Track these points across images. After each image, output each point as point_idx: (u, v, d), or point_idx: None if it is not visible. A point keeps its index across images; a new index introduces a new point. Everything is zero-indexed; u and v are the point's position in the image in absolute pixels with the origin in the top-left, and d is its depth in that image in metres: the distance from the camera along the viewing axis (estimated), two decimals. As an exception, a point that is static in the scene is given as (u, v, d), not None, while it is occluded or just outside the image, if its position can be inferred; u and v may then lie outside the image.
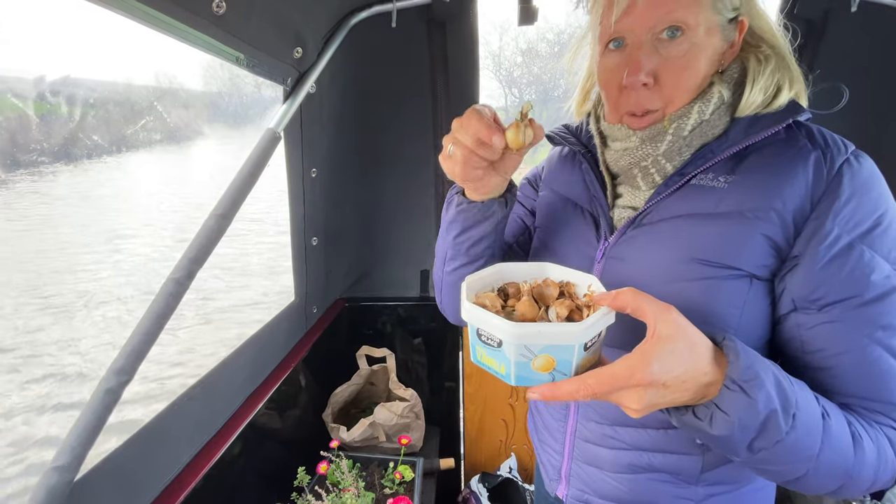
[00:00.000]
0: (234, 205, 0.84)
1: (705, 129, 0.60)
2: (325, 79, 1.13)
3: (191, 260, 0.76)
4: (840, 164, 0.53)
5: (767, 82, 0.58)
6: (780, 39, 0.60)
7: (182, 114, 13.94)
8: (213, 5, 0.70)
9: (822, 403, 0.49)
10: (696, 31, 0.54)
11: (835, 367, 0.52)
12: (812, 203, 0.53)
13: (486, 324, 0.47)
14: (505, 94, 20.49)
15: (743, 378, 0.44)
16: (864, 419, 0.51)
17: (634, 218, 0.62)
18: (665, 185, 0.60)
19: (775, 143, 0.57)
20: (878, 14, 1.23)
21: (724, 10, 0.56)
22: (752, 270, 0.55)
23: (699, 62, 0.56)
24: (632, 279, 0.61)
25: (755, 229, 0.54)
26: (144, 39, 12.30)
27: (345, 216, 1.50)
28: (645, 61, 0.56)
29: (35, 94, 9.64)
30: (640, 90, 0.57)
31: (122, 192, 11.10)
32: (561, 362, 0.46)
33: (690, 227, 0.58)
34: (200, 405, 0.94)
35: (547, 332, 0.45)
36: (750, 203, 0.55)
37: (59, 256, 6.70)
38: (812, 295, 0.53)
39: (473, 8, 1.31)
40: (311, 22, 1.04)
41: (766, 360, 0.48)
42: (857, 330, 0.51)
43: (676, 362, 0.44)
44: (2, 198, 9.39)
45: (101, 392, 0.64)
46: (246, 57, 0.87)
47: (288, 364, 1.26)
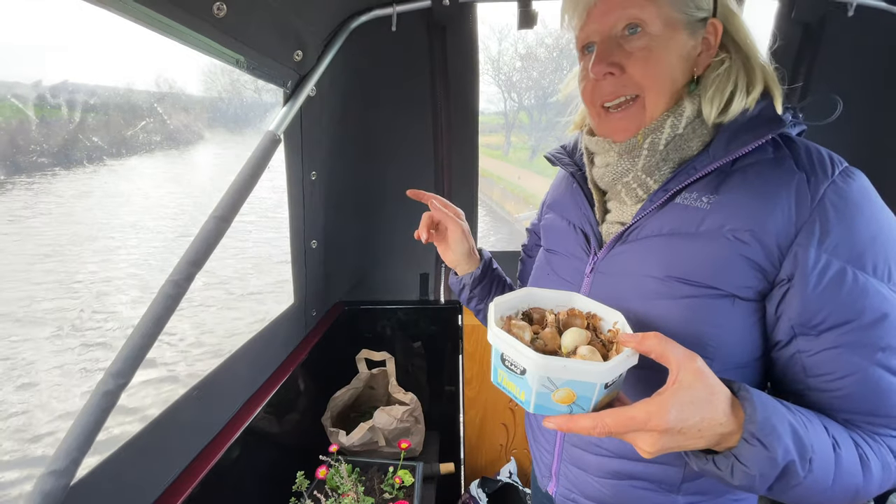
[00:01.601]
0: (233, 207, 0.84)
1: (680, 143, 0.60)
2: (325, 82, 1.14)
3: (189, 262, 0.76)
4: (825, 189, 0.53)
5: (721, 86, 0.59)
6: (751, 42, 0.61)
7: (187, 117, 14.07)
8: (214, 8, 0.70)
9: (831, 434, 0.50)
10: (655, 25, 0.57)
11: (838, 388, 0.53)
12: (796, 228, 0.53)
13: (513, 350, 0.49)
14: (504, 98, 20.59)
15: (761, 432, 0.45)
16: (867, 434, 0.53)
17: (621, 233, 0.64)
18: (650, 201, 0.61)
19: (762, 161, 0.57)
20: (874, 19, 1.24)
21: (687, 9, 0.58)
22: (734, 291, 0.55)
23: (662, 54, 0.58)
24: (618, 294, 0.62)
25: (735, 251, 0.55)
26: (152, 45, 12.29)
27: (344, 219, 1.50)
28: (606, 54, 0.59)
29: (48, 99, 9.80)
30: (606, 79, 0.60)
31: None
32: (581, 398, 0.48)
33: (672, 246, 0.58)
34: (198, 409, 0.93)
35: (572, 368, 0.46)
36: (730, 224, 0.55)
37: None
38: (811, 321, 0.53)
39: (473, 12, 1.31)
40: (312, 25, 1.04)
41: (779, 406, 0.49)
42: (858, 353, 0.51)
43: (694, 411, 0.45)
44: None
45: (98, 395, 0.63)
46: (246, 59, 0.87)
47: (287, 368, 1.26)
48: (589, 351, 0.50)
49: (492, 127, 20.38)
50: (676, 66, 0.59)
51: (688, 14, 0.58)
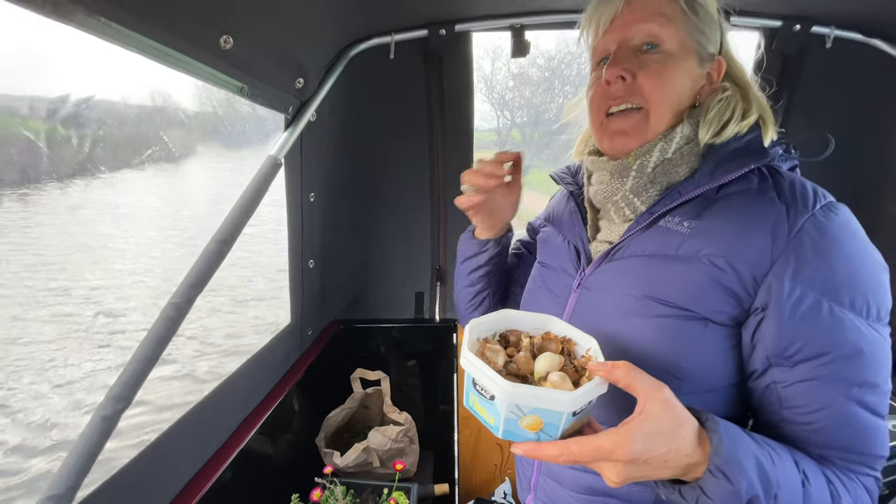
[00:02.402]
0: (234, 230, 0.85)
1: (668, 167, 0.63)
2: (325, 107, 1.17)
3: (191, 285, 0.77)
4: (803, 223, 0.54)
5: (722, 111, 0.62)
6: (749, 81, 0.66)
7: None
8: (221, 41, 0.73)
9: (802, 469, 0.51)
10: (671, 44, 0.61)
11: (813, 422, 0.53)
12: (772, 258, 0.54)
13: (483, 376, 0.49)
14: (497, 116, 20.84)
15: (726, 465, 0.46)
16: (842, 471, 0.53)
17: (608, 252, 0.66)
18: (637, 222, 0.64)
19: (745, 191, 0.59)
20: (852, 50, 1.31)
21: (701, 40, 0.63)
22: (707, 314, 0.56)
23: (675, 72, 0.62)
24: (599, 310, 0.64)
25: (710, 276, 0.56)
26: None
27: (341, 239, 1.52)
28: (622, 59, 0.62)
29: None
30: (617, 83, 0.62)
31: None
32: (549, 425, 0.48)
33: (652, 267, 0.60)
34: (194, 431, 0.93)
35: (540, 397, 0.47)
36: (707, 250, 0.57)
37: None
38: (785, 351, 0.53)
39: (468, 41, 1.36)
40: (313, 53, 1.07)
41: (747, 439, 0.49)
42: (833, 387, 0.52)
43: (660, 442, 0.45)
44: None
45: (98, 419, 0.64)
46: (249, 87, 0.90)
47: (282, 388, 1.26)
48: (559, 378, 0.50)
49: (485, 143, 20.62)
50: (684, 87, 0.63)
51: (699, 45, 0.63)
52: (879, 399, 0.52)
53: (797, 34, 1.29)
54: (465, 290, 0.91)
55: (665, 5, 0.61)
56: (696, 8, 0.62)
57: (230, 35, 0.74)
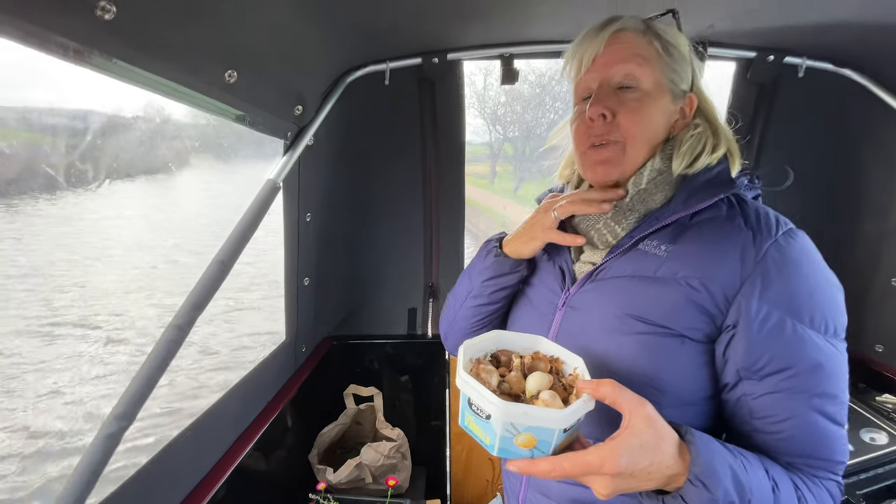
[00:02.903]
0: (234, 252, 0.89)
1: (644, 196, 0.68)
2: (322, 131, 1.21)
3: (192, 307, 0.80)
4: (767, 248, 0.58)
5: (694, 145, 0.68)
6: (718, 116, 0.72)
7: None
8: (226, 75, 0.78)
9: (771, 476, 0.54)
10: (647, 83, 0.66)
11: (780, 431, 0.57)
12: (741, 279, 0.58)
13: (478, 396, 0.52)
14: (489, 131, 21.08)
15: (704, 475, 0.49)
16: (808, 476, 0.57)
17: (591, 273, 0.70)
18: (618, 246, 0.68)
19: (716, 218, 0.64)
20: (823, 79, 1.38)
21: (674, 79, 0.68)
22: (683, 331, 0.60)
23: (651, 109, 0.66)
24: (583, 327, 0.68)
25: (686, 295, 0.60)
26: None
27: (336, 257, 1.55)
28: (603, 98, 0.67)
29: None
30: (599, 121, 0.67)
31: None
32: (542, 442, 0.51)
33: (632, 287, 0.65)
34: (190, 450, 0.95)
35: (533, 415, 0.49)
36: (682, 272, 0.61)
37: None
38: (753, 366, 0.58)
39: (460, 68, 1.42)
40: (311, 81, 1.12)
41: (722, 449, 0.53)
42: (796, 399, 0.56)
43: (644, 455, 0.49)
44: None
45: (101, 437, 0.66)
46: (249, 116, 0.94)
47: (277, 405, 1.27)
48: (550, 396, 0.53)
49: (477, 157, 20.76)
50: (659, 123, 0.68)
51: (673, 83, 0.68)
52: (838, 409, 0.57)
53: (771, 64, 1.36)
54: (477, 308, 0.83)
55: (642, 47, 0.66)
56: (670, 49, 0.67)
57: (235, 70, 0.78)
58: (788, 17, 1.13)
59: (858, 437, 1.25)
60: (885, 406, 1.36)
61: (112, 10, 0.52)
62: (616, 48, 0.67)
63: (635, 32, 0.67)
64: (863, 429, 1.28)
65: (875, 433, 1.26)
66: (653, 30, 0.67)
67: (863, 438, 1.25)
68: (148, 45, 0.60)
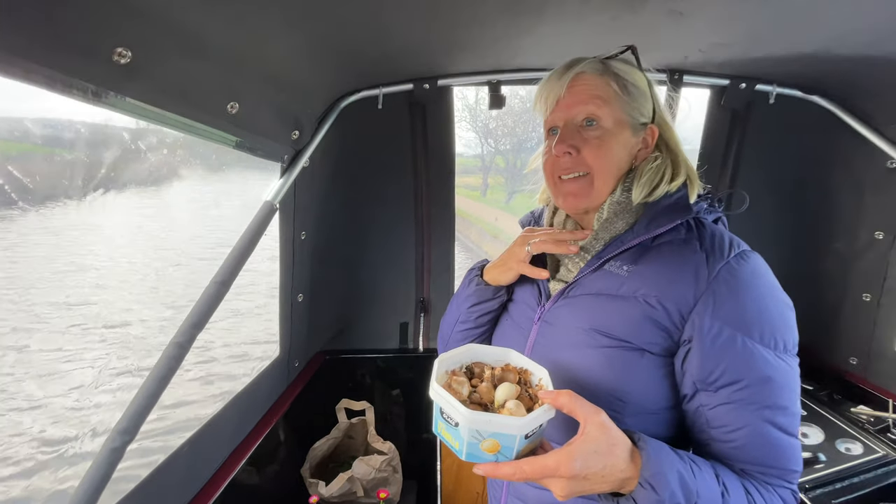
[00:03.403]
0: (232, 273, 0.93)
1: (608, 224, 0.74)
2: (317, 154, 1.26)
3: (192, 325, 0.84)
4: (719, 268, 0.63)
5: (652, 177, 0.73)
6: (679, 146, 0.77)
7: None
8: (228, 107, 0.83)
9: (722, 481, 0.58)
10: (607, 121, 0.71)
11: (734, 440, 0.61)
12: (695, 298, 0.63)
13: (448, 405, 0.57)
14: (481, 143, 21.37)
15: (653, 478, 0.54)
16: (760, 483, 0.61)
17: (563, 290, 0.75)
18: (587, 266, 0.74)
19: (674, 241, 0.69)
20: (792, 105, 1.47)
21: (634, 114, 0.73)
22: (642, 345, 0.65)
23: (612, 144, 0.72)
24: (556, 340, 0.73)
25: (645, 312, 0.65)
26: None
27: (329, 273, 1.60)
28: (568, 137, 0.72)
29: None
30: (565, 157, 0.73)
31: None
32: (505, 447, 0.55)
33: (597, 304, 0.70)
34: (186, 465, 0.97)
35: (495, 422, 0.54)
36: (642, 290, 0.66)
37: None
38: (707, 378, 0.62)
39: (450, 93, 1.49)
40: (308, 107, 1.18)
41: (674, 456, 0.57)
42: (747, 409, 0.60)
43: (597, 460, 0.53)
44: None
45: (106, 451, 0.69)
46: (248, 142, 0.99)
47: (270, 420, 1.30)
48: (514, 405, 0.57)
49: (469, 169, 20.98)
50: (621, 156, 0.73)
51: (633, 118, 0.73)
52: (790, 420, 0.61)
53: (743, 91, 1.45)
54: (466, 332, 0.89)
55: (601, 88, 0.71)
56: (628, 87, 0.72)
57: (237, 101, 0.83)
58: (757, 50, 1.21)
59: (834, 447, 1.30)
60: (860, 417, 1.41)
61: (128, 56, 0.57)
62: (577, 90, 0.72)
63: (594, 74, 0.72)
64: (838, 439, 1.32)
65: (850, 443, 1.30)
66: (611, 71, 0.73)
67: (838, 448, 1.29)
68: (159, 85, 0.65)
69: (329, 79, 1.19)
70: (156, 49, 0.62)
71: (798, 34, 1.06)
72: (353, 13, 0.84)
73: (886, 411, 1.38)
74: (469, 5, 0.89)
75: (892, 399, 1.38)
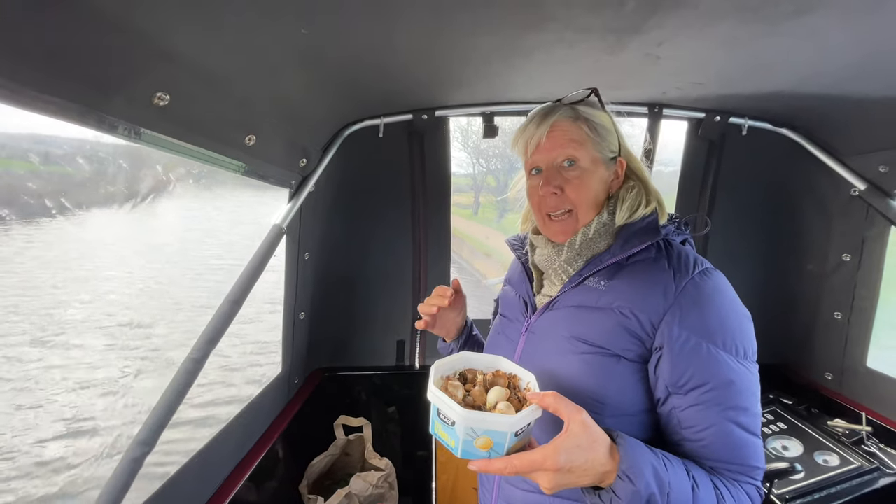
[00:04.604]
0: (243, 292, 0.98)
1: (590, 244, 0.82)
2: (322, 179, 1.34)
3: (207, 341, 0.89)
4: (685, 284, 0.71)
5: (633, 202, 0.82)
6: (646, 174, 0.85)
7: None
8: (246, 139, 0.90)
9: (692, 476, 0.64)
10: (585, 161, 0.80)
11: (702, 439, 0.67)
12: (664, 309, 0.70)
13: (445, 406, 0.62)
14: (473, 163, 21.69)
15: (630, 470, 0.59)
16: (728, 480, 0.67)
17: (548, 304, 0.83)
18: (570, 282, 0.81)
19: (646, 260, 0.77)
20: (763, 136, 1.58)
21: (605, 151, 0.82)
22: (619, 352, 0.72)
23: (590, 180, 0.80)
24: (542, 349, 0.80)
25: (619, 322, 0.73)
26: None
27: (330, 292, 1.65)
28: (552, 179, 0.80)
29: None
30: (552, 197, 0.81)
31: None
32: (497, 444, 0.60)
33: (578, 315, 0.77)
34: (194, 478, 1.01)
35: (488, 420, 0.60)
36: (617, 303, 0.74)
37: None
38: (678, 382, 0.68)
39: (446, 123, 1.59)
40: (314, 136, 1.26)
41: (648, 452, 0.62)
42: (713, 410, 0.66)
43: (580, 455, 0.59)
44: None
45: (126, 462, 0.73)
46: (261, 170, 1.06)
47: (270, 437, 1.33)
48: (505, 406, 0.63)
49: (461, 187, 21.23)
50: (598, 189, 0.82)
51: (604, 154, 0.82)
52: (751, 420, 0.68)
53: (718, 123, 1.56)
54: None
55: (575, 132, 0.80)
56: (598, 128, 0.81)
57: (254, 134, 0.90)
58: (728, 88, 1.32)
59: (812, 459, 1.36)
60: (836, 430, 1.47)
61: (166, 99, 0.65)
62: (555, 135, 0.81)
63: (569, 121, 0.81)
64: (816, 451, 1.39)
65: (828, 455, 1.37)
66: (581, 116, 0.81)
67: (816, 461, 1.35)
68: (190, 123, 0.72)
69: (335, 111, 1.27)
70: (189, 91, 0.69)
71: (765, 76, 1.17)
72: (360, 54, 0.93)
73: (860, 424, 1.45)
74: (465, 48, 0.98)
75: (866, 413, 1.46)
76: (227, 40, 0.68)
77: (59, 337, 5.96)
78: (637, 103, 1.48)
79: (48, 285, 7.53)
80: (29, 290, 7.29)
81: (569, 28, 0.84)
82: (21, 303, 6.67)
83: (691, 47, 0.97)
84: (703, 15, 0.78)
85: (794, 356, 1.72)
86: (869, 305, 1.49)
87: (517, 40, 0.90)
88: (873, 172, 1.40)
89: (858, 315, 1.52)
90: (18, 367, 5.12)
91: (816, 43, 0.89)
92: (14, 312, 6.46)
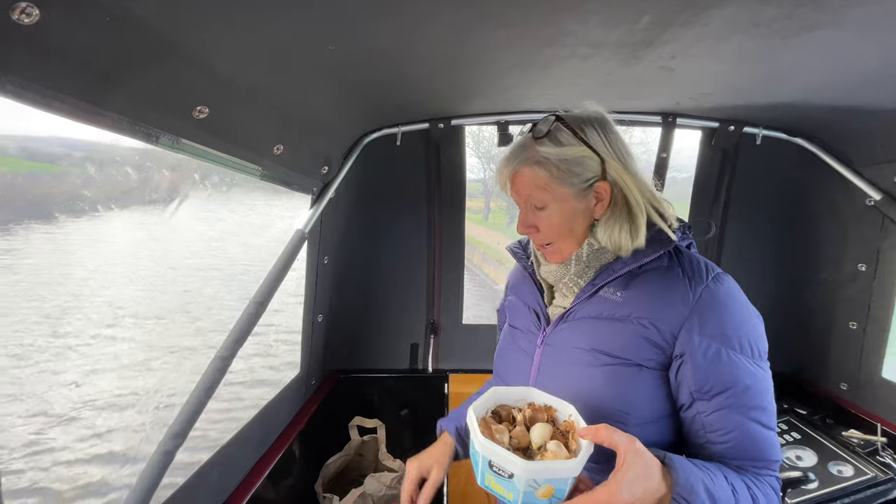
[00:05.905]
0: (268, 294, 1.03)
1: (597, 255, 0.81)
2: (342, 186, 1.38)
3: (234, 341, 0.93)
4: (700, 291, 0.72)
5: (611, 236, 0.79)
6: (637, 194, 0.78)
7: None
8: (275, 149, 0.94)
9: (730, 481, 0.66)
10: (550, 203, 0.78)
11: (728, 441, 0.70)
12: (683, 318, 0.72)
13: (500, 458, 0.58)
14: (483, 168, 21.74)
15: (685, 491, 0.61)
16: (754, 476, 0.70)
17: (563, 315, 0.83)
18: (583, 292, 0.81)
19: (659, 268, 0.77)
20: (778, 146, 1.59)
21: (573, 181, 0.77)
22: (640, 361, 0.73)
23: (560, 218, 0.79)
24: (560, 361, 0.81)
25: (639, 332, 0.74)
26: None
27: (346, 295, 1.70)
28: (526, 219, 0.82)
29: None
30: (531, 233, 0.83)
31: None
32: (559, 490, 0.59)
33: (596, 326, 0.78)
34: (218, 475, 1.04)
35: (551, 469, 0.58)
36: (635, 314, 0.75)
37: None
38: (702, 388, 0.70)
39: (462, 132, 1.63)
40: (336, 145, 1.30)
41: (694, 468, 0.63)
42: (737, 412, 0.69)
43: (639, 486, 0.59)
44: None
45: (159, 454, 0.77)
46: (286, 177, 1.10)
47: (288, 436, 1.37)
48: (556, 445, 0.61)
49: (472, 193, 21.30)
50: (573, 222, 0.79)
51: (575, 187, 0.77)
52: (769, 417, 0.71)
53: (732, 133, 1.57)
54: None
55: (535, 178, 0.78)
56: (559, 166, 0.76)
57: (282, 144, 0.95)
58: (740, 99, 1.33)
59: (826, 469, 1.35)
60: (851, 440, 1.47)
61: (206, 112, 0.69)
62: (517, 184, 0.81)
63: (527, 168, 0.79)
64: (830, 462, 1.38)
65: (842, 466, 1.36)
66: (538, 159, 0.77)
67: (830, 471, 1.35)
68: (227, 135, 0.76)
69: (356, 120, 1.32)
70: (226, 104, 0.74)
71: (779, 87, 1.19)
72: (382, 68, 0.97)
73: (875, 435, 1.44)
74: (484, 62, 1.01)
75: (881, 423, 1.45)
76: (263, 58, 0.72)
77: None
78: (650, 112, 1.50)
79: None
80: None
81: (584, 43, 0.87)
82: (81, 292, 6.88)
83: (704, 60, 1.00)
84: (716, 29, 0.81)
85: (809, 366, 1.71)
86: (884, 316, 1.48)
87: (534, 54, 0.93)
88: (888, 183, 1.40)
89: (874, 325, 1.51)
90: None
91: (830, 55, 0.91)
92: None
